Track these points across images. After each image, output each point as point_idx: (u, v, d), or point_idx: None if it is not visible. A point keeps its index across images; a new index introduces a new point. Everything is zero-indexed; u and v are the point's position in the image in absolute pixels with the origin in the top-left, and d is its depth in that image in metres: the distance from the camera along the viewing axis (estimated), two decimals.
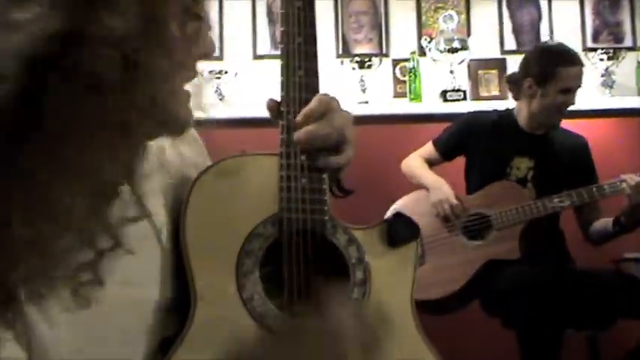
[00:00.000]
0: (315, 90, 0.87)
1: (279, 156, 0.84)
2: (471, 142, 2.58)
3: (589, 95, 3.25)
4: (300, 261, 0.82)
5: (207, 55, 0.76)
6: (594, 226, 2.52)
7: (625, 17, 3.48)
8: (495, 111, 2.68)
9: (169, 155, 0.90)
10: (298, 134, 0.82)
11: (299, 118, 0.84)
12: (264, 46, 3.40)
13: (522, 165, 2.50)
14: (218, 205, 0.82)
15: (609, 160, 2.60)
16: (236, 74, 3.26)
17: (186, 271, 0.78)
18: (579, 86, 2.47)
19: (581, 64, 2.47)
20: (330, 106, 0.85)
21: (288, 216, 0.81)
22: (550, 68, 2.43)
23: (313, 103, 0.85)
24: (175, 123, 0.76)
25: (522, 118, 2.56)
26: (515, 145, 2.52)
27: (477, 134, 2.57)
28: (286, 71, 0.87)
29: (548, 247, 2.49)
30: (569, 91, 2.44)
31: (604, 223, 2.48)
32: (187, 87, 0.80)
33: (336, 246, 0.85)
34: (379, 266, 0.87)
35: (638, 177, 2.27)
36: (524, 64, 2.58)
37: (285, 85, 0.87)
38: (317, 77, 0.88)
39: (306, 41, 0.88)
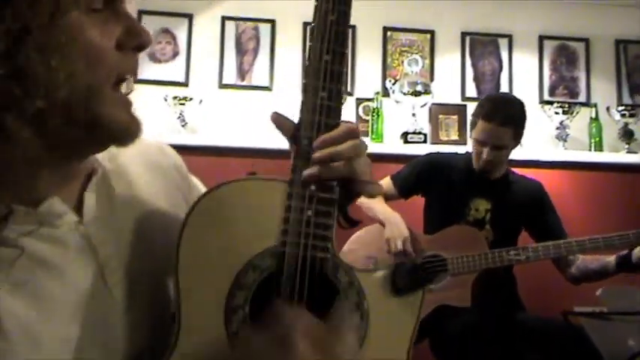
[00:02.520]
0: (338, 115, 0.78)
1: (288, 183, 0.76)
2: (430, 183, 2.60)
3: (543, 147, 3.36)
4: (295, 299, 0.75)
5: (142, 47, 0.72)
6: (583, 265, 2.47)
7: (581, 74, 3.64)
8: (455, 154, 2.72)
9: (143, 195, 0.84)
10: (311, 170, 0.75)
11: (316, 143, 0.76)
12: (231, 75, 3.40)
13: (481, 207, 2.52)
14: (216, 231, 0.76)
15: (559, 210, 2.65)
16: (201, 102, 3.24)
17: (176, 298, 0.74)
18: (495, 144, 2.42)
19: (499, 124, 2.38)
20: (352, 136, 0.77)
21: (289, 250, 0.75)
22: (474, 116, 2.49)
23: (336, 131, 0.77)
24: (110, 128, 0.70)
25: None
26: (474, 187, 2.54)
27: (437, 175, 2.59)
28: (307, 91, 0.78)
29: (500, 293, 2.50)
30: (483, 144, 2.44)
31: (602, 261, 2.41)
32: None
33: (335, 286, 0.79)
34: (379, 312, 0.81)
35: None
36: None
37: (305, 107, 0.78)
38: (340, 100, 0.79)
39: (334, 60, 0.78)
